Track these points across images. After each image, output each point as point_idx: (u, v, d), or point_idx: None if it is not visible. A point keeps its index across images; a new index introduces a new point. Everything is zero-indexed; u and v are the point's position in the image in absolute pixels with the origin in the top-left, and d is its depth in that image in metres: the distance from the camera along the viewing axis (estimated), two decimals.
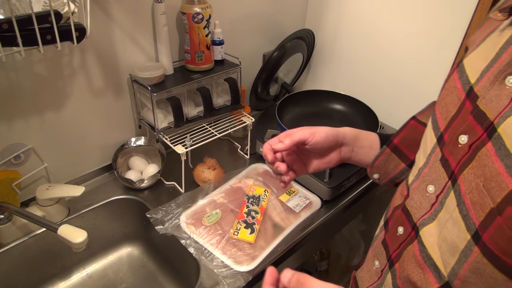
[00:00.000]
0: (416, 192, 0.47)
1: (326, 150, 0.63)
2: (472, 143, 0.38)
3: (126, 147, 0.95)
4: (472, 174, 0.37)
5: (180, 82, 0.89)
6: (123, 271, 0.92)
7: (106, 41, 0.82)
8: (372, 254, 0.57)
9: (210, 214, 0.82)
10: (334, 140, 0.62)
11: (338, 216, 0.91)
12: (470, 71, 0.42)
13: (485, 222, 0.35)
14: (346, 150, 0.65)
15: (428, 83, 1.00)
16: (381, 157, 0.63)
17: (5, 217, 0.76)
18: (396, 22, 1.01)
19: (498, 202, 0.34)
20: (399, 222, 0.50)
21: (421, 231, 0.45)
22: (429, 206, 0.44)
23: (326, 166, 0.65)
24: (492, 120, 0.37)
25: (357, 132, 0.66)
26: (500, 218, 0.33)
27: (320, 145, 0.60)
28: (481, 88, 0.39)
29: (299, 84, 1.36)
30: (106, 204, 0.89)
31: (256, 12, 1.10)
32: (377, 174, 0.65)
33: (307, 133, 0.59)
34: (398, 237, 0.49)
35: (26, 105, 0.77)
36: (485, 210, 0.35)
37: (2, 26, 0.57)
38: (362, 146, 0.65)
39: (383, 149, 0.62)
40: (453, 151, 0.41)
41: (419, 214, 0.46)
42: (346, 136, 0.64)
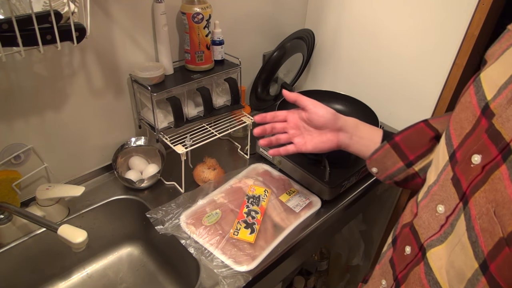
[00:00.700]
0: (425, 211, 0.45)
1: (325, 128, 0.67)
2: (485, 164, 0.36)
3: (126, 147, 0.95)
4: (484, 198, 0.35)
5: (180, 82, 0.89)
6: (123, 271, 0.92)
7: (106, 41, 0.82)
8: (380, 272, 0.55)
9: (210, 214, 0.82)
10: (333, 119, 0.66)
11: (338, 216, 0.91)
12: (487, 87, 0.40)
13: (494, 251, 0.33)
14: (344, 136, 0.67)
15: (428, 83, 1.00)
16: (380, 151, 0.64)
17: (5, 217, 0.76)
18: (396, 22, 1.01)
19: (508, 231, 0.32)
20: (407, 241, 0.48)
21: (428, 252, 0.43)
22: (438, 227, 0.42)
23: (323, 146, 0.68)
24: (508, 141, 0.34)
25: (359, 123, 0.68)
26: (508, 250, 0.32)
27: (318, 117, 0.65)
28: (497, 106, 0.37)
29: (299, 84, 1.36)
30: (106, 204, 0.89)
31: (256, 12, 1.10)
32: (375, 168, 0.66)
33: (311, 102, 0.66)
34: (405, 257, 0.47)
35: (26, 105, 0.77)
36: (494, 239, 0.33)
37: (2, 26, 0.57)
38: (362, 137, 0.67)
39: (383, 144, 0.63)
40: (465, 171, 0.39)
41: (427, 235, 0.44)
42: (347, 122, 0.67)
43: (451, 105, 0.98)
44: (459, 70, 0.92)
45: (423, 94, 1.02)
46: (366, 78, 1.15)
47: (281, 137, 0.70)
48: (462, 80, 0.94)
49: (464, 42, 0.89)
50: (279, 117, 0.72)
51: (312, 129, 0.69)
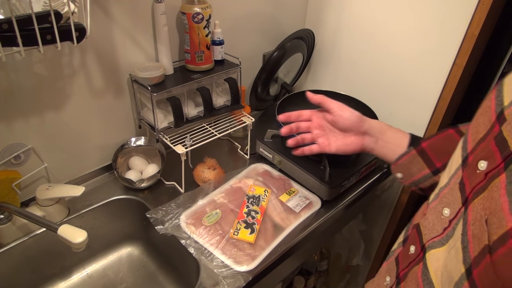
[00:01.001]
0: (432, 213, 0.46)
1: (349, 131, 0.66)
2: (488, 171, 0.36)
3: (126, 147, 0.95)
4: (481, 204, 0.35)
5: (180, 82, 0.89)
6: (123, 271, 0.92)
7: (106, 41, 0.82)
8: (385, 269, 0.55)
9: (210, 214, 0.82)
10: (358, 122, 0.65)
11: (338, 216, 0.91)
12: (507, 92, 0.39)
13: (478, 258, 0.33)
14: (369, 139, 0.66)
15: (428, 83, 1.00)
16: (405, 157, 0.62)
17: (5, 217, 0.76)
18: (396, 22, 1.01)
19: (494, 240, 0.32)
20: (413, 241, 0.48)
21: (427, 253, 0.43)
22: (441, 229, 0.42)
23: (346, 148, 0.67)
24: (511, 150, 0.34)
25: (386, 126, 0.67)
26: (489, 258, 0.32)
27: (343, 119, 0.64)
28: (510, 112, 0.36)
29: (299, 84, 1.36)
30: (106, 204, 0.89)
31: (256, 12, 1.10)
32: (400, 174, 0.64)
33: (336, 104, 0.65)
34: (409, 256, 0.48)
35: (26, 105, 0.77)
36: (480, 246, 0.33)
37: (2, 26, 0.57)
38: (388, 142, 0.66)
39: (409, 150, 0.62)
40: (470, 176, 0.39)
41: (429, 236, 0.44)
42: (372, 126, 0.66)
43: (451, 105, 0.98)
44: (459, 70, 0.92)
45: (423, 94, 1.02)
46: (366, 78, 1.15)
47: (306, 136, 0.70)
48: (462, 80, 0.94)
49: (464, 42, 0.89)
50: (304, 116, 0.71)
51: (337, 130, 0.68)
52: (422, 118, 1.04)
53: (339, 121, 0.65)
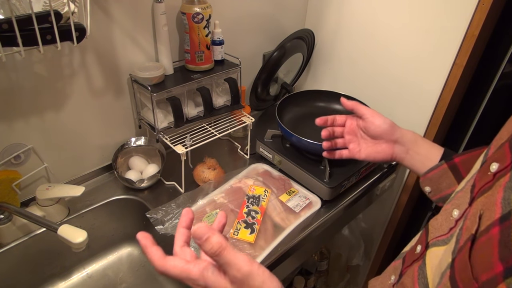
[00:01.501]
0: (443, 214, 0.46)
1: (380, 137, 0.66)
2: (497, 172, 0.36)
3: (126, 147, 0.95)
4: (482, 202, 0.36)
5: (180, 82, 0.89)
6: (123, 271, 0.92)
7: (106, 41, 0.82)
8: (392, 269, 0.55)
9: (210, 214, 0.82)
10: (390, 130, 0.64)
11: (338, 216, 0.91)
12: None
13: (462, 247, 0.34)
14: (400, 149, 0.65)
15: (429, 83, 1.00)
16: (435, 170, 0.61)
17: (5, 217, 0.76)
18: (396, 21, 1.01)
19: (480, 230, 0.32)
20: (420, 240, 0.49)
21: (428, 250, 0.43)
22: (447, 229, 0.43)
23: (376, 155, 0.67)
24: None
25: (419, 137, 0.66)
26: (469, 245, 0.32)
27: (374, 127, 0.64)
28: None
29: (299, 84, 1.36)
30: (106, 204, 0.89)
31: (256, 12, 1.10)
32: (428, 187, 0.63)
33: (369, 110, 0.65)
34: (414, 255, 0.48)
35: (26, 105, 0.77)
36: (466, 236, 0.34)
37: (2, 26, 0.57)
38: (419, 153, 0.65)
39: (440, 164, 0.61)
40: (482, 178, 0.39)
41: (434, 235, 0.44)
42: (404, 135, 0.65)
43: (451, 105, 0.98)
44: (459, 70, 0.92)
45: (423, 94, 1.02)
46: (366, 78, 1.15)
47: (338, 141, 0.70)
48: (462, 80, 0.94)
49: (464, 42, 0.89)
50: (339, 121, 0.71)
51: (368, 137, 0.68)
52: (422, 118, 1.04)
53: (371, 127, 0.65)
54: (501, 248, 0.29)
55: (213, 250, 0.37)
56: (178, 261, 0.40)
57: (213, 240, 0.37)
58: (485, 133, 1.02)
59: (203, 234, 0.37)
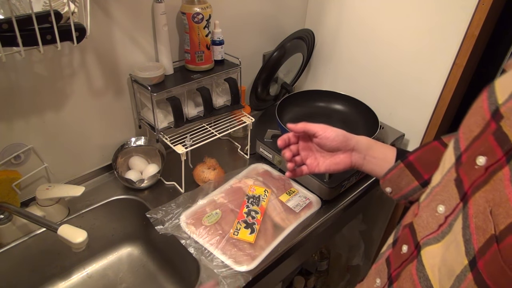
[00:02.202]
0: (425, 211, 0.46)
1: (336, 150, 0.66)
2: (489, 166, 0.37)
3: (126, 147, 0.95)
4: (484, 197, 0.36)
5: (180, 82, 0.89)
6: (123, 271, 0.92)
7: (106, 41, 0.82)
8: (375, 271, 0.55)
9: (210, 214, 0.82)
10: (345, 141, 0.65)
11: (338, 216, 0.91)
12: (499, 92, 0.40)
13: (483, 248, 0.34)
14: (357, 156, 0.67)
15: (428, 83, 1.00)
16: (393, 171, 0.63)
17: (5, 217, 0.76)
18: (396, 22, 1.01)
19: (501, 229, 0.32)
20: (404, 240, 0.49)
21: (422, 250, 0.43)
22: (436, 226, 0.43)
23: (336, 167, 0.67)
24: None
25: (372, 142, 0.67)
26: (496, 246, 0.32)
27: (329, 141, 0.64)
28: (507, 109, 0.37)
29: (299, 84, 1.36)
30: (106, 204, 0.89)
31: (256, 12, 1.10)
32: (389, 188, 0.65)
33: (320, 127, 0.65)
34: (401, 256, 0.48)
35: (26, 105, 0.77)
36: (486, 236, 0.34)
37: (2, 26, 0.57)
38: (375, 157, 0.66)
39: (397, 164, 0.63)
40: (468, 172, 0.39)
41: (424, 233, 0.44)
42: (359, 142, 0.66)
43: (451, 105, 0.98)
44: (459, 70, 0.92)
45: (423, 94, 1.02)
46: (366, 78, 1.15)
47: (296, 159, 0.69)
48: (462, 80, 0.94)
49: (464, 42, 0.89)
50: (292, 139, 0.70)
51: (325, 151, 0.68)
52: (422, 118, 1.04)
53: (326, 143, 0.65)
54: None
55: None
56: None
57: None
58: None
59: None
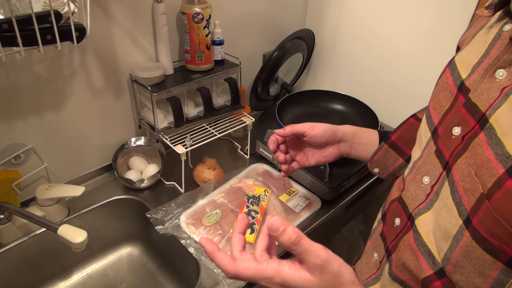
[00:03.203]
0: (411, 184, 0.49)
1: (325, 144, 0.69)
2: (465, 134, 0.40)
3: (126, 147, 0.95)
4: (465, 163, 0.39)
5: (180, 82, 0.89)
6: (123, 271, 0.92)
7: (106, 41, 0.82)
8: (371, 247, 0.58)
9: (210, 214, 0.82)
10: (332, 135, 0.67)
11: (338, 216, 0.91)
12: (461, 68, 0.44)
13: (475, 206, 0.36)
14: (344, 146, 0.69)
15: (428, 83, 0.99)
16: (379, 152, 0.67)
17: (5, 217, 0.76)
18: (396, 22, 1.01)
19: (488, 187, 0.35)
20: (396, 213, 0.51)
21: (416, 220, 0.46)
22: (424, 196, 0.46)
23: (326, 159, 0.70)
24: (483, 111, 0.38)
25: (356, 129, 0.70)
26: (488, 203, 0.35)
27: (318, 138, 0.66)
28: (472, 82, 0.41)
29: (299, 84, 1.36)
30: (106, 204, 0.89)
31: (256, 12, 1.10)
32: (377, 169, 0.69)
33: (307, 126, 0.66)
34: (395, 228, 0.51)
35: (26, 105, 0.77)
36: (476, 195, 0.36)
37: (2, 26, 0.57)
38: (361, 143, 0.70)
39: (381, 145, 0.66)
40: (447, 143, 0.43)
41: (415, 205, 0.47)
42: (345, 133, 0.69)
43: None
44: None
45: (423, 94, 1.02)
46: (366, 78, 1.15)
47: (286, 157, 0.70)
48: None
49: None
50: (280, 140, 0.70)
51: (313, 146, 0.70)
52: None
53: (315, 140, 0.67)
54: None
55: (291, 240, 0.38)
56: (250, 263, 0.41)
57: (289, 231, 0.39)
58: None
59: (279, 226, 0.39)
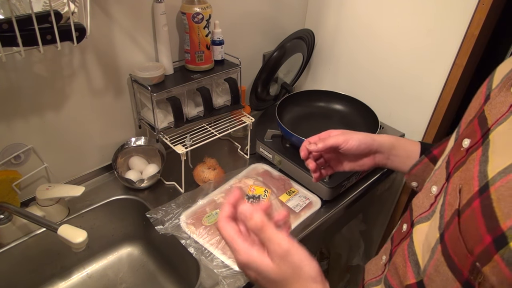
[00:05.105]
0: (423, 192, 0.48)
1: (360, 155, 0.67)
2: (469, 147, 0.39)
3: (126, 147, 0.95)
4: (459, 177, 0.38)
5: (180, 82, 0.89)
6: (123, 271, 0.92)
7: (106, 41, 0.82)
8: (383, 249, 0.58)
9: (210, 214, 0.82)
10: (367, 148, 0.65)
11: (338, 216, 0.91)
12: (496, 77, 0.42)
13: (449, 221, 0.36)
14: (381, 157, 0.67)
15: (428, 83, 1.00)
16: (418, 165, 0.64)
17: (5, 217, 0.76)
18: (396, 22, 1.01)
19: (463, 204, 0.34)
20: (405, 219, 0.51)
21: (414, 228, 0.46)
22: (428, 205, 0.45)
23: (360, 168, 0.68)
24: (489, 126, 0.37)
25: (394, 140, 0.67)
26: (457, 219, 0.34)
27: (352, 151, 0.65)
28: (493, 94, 0.39)
29: (299, 84, 1.36)
30: (106, 204, 0.89)
31: (256, 12, 1.10)
32: (415, 182, 0.66)
33: (341, 140, 0.64)
34: (401, 234, 0.50)
35: (26, 105, 0.77)
36: (452, 211, 0.36)
37: (2, 26, 0.57)
38: (398, 155, 0.67)
39: (421, 159, 0.63)
40: (455, 154, 0.42)
41: (418, 212, 0.47)
42: (382, 144, 0.66)
43: (451, 105, 0.98)
44: (459, 70, 0.92)
45: (423, 94, 1.02)
46: (366, 78, 1.15)
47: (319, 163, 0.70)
48: (462, 80, 0.94)
49: (464, 42, 0.89)
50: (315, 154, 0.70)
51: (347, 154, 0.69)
52: (422, 118, 1.04)
53: (350, 152, 0.65)
54: (486, 219, 0.31)
55: (256, 226, 0.41)
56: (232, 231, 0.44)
57: (255, 217, 0.41)
58: None
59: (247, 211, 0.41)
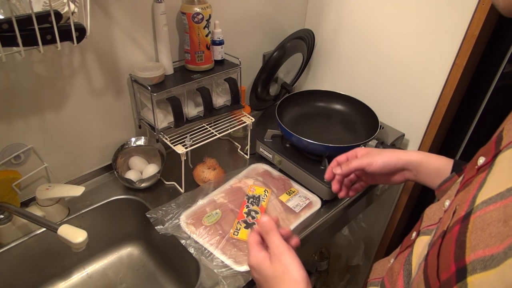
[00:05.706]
0: (438, 203, 0.47)
1: (388, 173, 0.67)
2: (480, 167, 0.37)
3: (126, 147, 0.95)
4: (461, 196, 0.37)
5: (180, 82, 0.89)
6: (123, 271, 0.92)
7: (106, 41, 0.82)
8: (394, 252, 0.58)
9: (210, 214, 0.82)
10: (393, 168, 0.65)
11: (338, 216, 0.91)
12: None
13: (435, 241, 0.35)
14: (409, 174, 0.66)
15: (428, 83, 1.00)
16: (448, 183, 0.62)
17: (5, 217, 0.76)
18: (396, 22, 1.01)
19: (449, 226, 0.33)
20: (416, 227, 0.50)
21: (418, 238, 0.45)
22: (437, 219, 0.44)
23: (392, 183, 0.69)
24: (501, 148, 0.34)
25: (423, 158, 0.65)
26: (440, 241, 0.33)
27: (378, 172, 0.65)
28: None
29: (299, 84, 1.36)
30: (106, 204, 0.89)
31: (256, 12, 1.10)
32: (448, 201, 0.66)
33: (364, 163, 0.64)
34: (409, 241, 0.50)
35: (26, 105, 0.77)
36: (440, 231, 0.35)
37: (2, 26, 0.57)
38: (427, 173, 0.65)
39: (452, 176, 0.61)
40: (469, 172, 0.40)
41: (427, 223, 0.46)
42: (409, 162, 0.65)
43: (451, 105, 0.98)
44: (459, 70, 0.92)
45: (423, 94, 1.02)
46: (366, 78, 1.15)
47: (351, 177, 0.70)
48: (462, 80, 0.94)
49: (464, 42, 0.89)
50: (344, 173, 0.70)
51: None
52: (422, 119, 1.04)
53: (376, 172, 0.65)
54: (457, 248, 0.30)
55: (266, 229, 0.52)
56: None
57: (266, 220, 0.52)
58: (484, 133, 1.02)
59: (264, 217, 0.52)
